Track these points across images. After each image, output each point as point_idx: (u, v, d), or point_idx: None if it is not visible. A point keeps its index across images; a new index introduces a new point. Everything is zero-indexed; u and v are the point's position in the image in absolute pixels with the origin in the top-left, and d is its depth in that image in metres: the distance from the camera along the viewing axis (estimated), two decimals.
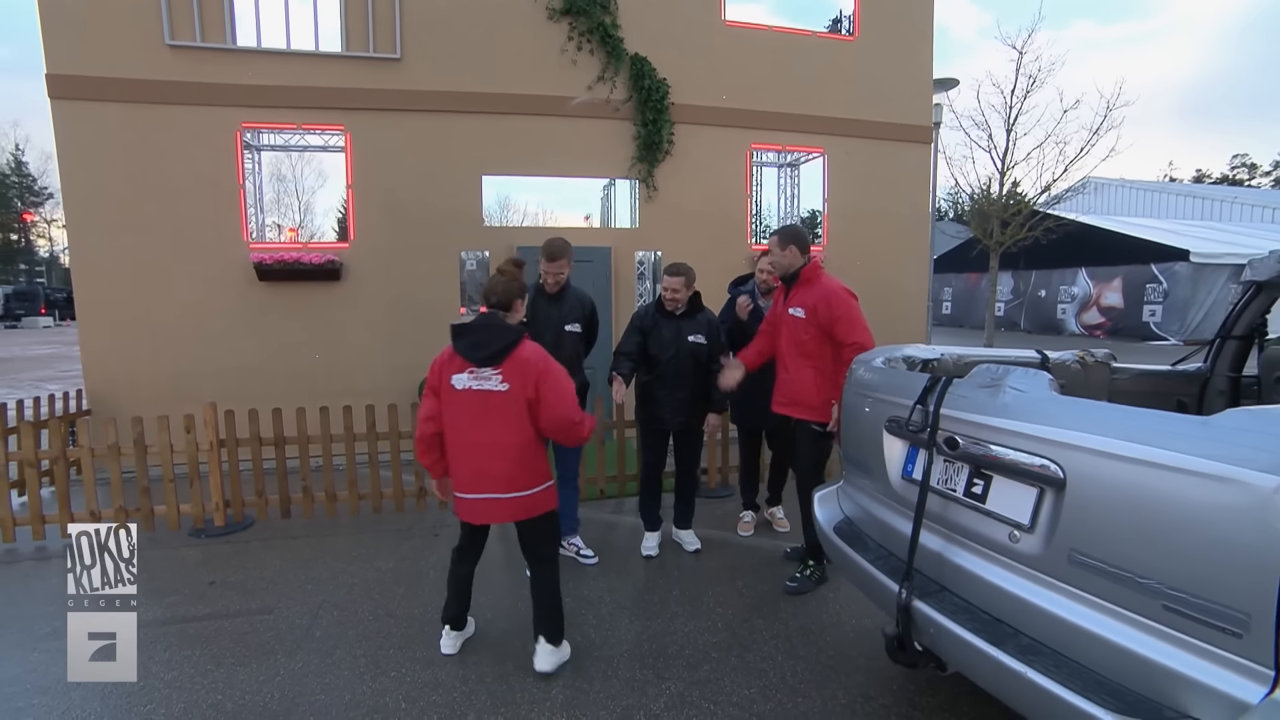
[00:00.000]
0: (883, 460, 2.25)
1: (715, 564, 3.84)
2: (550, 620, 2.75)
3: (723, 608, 3.28)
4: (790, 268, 3.35)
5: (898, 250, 7.69)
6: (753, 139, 7.18)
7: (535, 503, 2.64)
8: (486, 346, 2.55)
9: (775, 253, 3.37)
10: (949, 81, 9.43)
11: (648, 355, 3.81)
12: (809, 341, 3.28)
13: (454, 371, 2.57)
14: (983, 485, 1.83)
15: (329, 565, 3.86)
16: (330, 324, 6.18)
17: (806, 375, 3.30)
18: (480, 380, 2.54)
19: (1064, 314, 20.27)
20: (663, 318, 3.79)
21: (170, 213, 5.72)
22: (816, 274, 3.33)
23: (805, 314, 3.26)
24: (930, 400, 1.99)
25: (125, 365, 5.72)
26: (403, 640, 2.99)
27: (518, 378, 2.53)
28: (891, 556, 2.16)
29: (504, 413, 2.54)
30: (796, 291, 3.34)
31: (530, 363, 2.55)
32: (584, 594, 3.46)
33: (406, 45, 6.12)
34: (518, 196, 38.92)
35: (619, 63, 6.59)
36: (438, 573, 3.72)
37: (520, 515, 2.64)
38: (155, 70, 5.57)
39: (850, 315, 3.20)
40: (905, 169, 7.70)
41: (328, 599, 3.41)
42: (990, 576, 1.76)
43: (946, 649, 1.80)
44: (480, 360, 2.54)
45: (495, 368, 2.53)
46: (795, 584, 3.47)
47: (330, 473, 4.59)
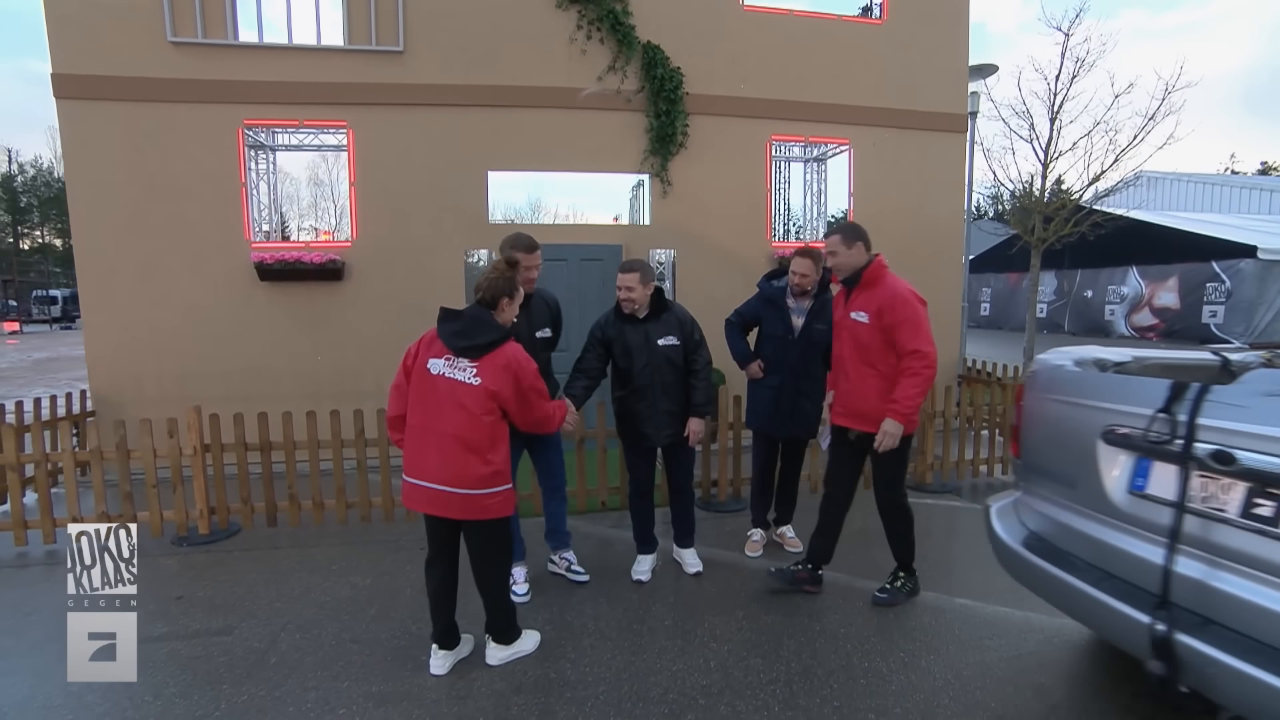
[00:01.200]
0: (1096, 472, 2.08)
1: (715, 589, 3.50)
2: (496, 620, 2.74)
3: (718, 643, 2.94)
4: (853, 267, 3.11)
5: (930, 248, 7.20)
6: (773, 130, 6.79)
7: (483, 505, 2.53)
8: (469, 337, 2.49)
9: (840, 251, 3.11)
10: (987, 68, 8.83)
11: (617, 369, 3.47)
12: (873, 348, 3.03)
13: (432, 355, 2.52)
14: (1276, 507, 1.61)
15: (305, 579, 3.65)
16: (334, 324, 6.03)
17: (870, 384, 3.06)
18: (455, 369, 2.48)
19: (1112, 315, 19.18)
20: (625, 323, 3.43)
21: (173, 212, 5.65)
22: (881, 274, 3.08)
23: (869, 318, 3.02)
24: (1177, 408, 1.80)
25: (130, 366, 5.67)
26: (361, 671, 2.74)
27: (492, 376, 2.47)
28: (1112, 579, 1.98)
29: (470, 407, 2.46)
30: (859, 294, 3.10)
31: (508, 368, 2.49)
32: (567, 620, 3.17)
33: (410, 37, 5.93)
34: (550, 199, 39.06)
35: (630, 51, 6.30)
36: (416, 591, 3.47)
37: (465, 514, 2.53)
38: (158, 68, 5.50)
39: (915, 320, 2.97)
40: (938, 160, 7.20)
41: (294, 619, 3.19)
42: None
43: (1233, 693, 1.62)
44: (459, 350, 2.49)
45: (473, 361, 2.48)
46: (886, 595, 3.23)
47: (317, 479, 4.40)
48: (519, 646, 2.81)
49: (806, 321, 3.71)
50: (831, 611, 3.20)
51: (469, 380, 2.46)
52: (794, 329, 3.71)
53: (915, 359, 2.93)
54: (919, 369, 2.93)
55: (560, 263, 6.43)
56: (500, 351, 2.50)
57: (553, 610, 3.28)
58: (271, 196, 7.42)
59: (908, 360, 2.94)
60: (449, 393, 2.47)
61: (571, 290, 6.46)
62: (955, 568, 3.72)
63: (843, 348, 3.21)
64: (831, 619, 3.13)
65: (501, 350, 2.51)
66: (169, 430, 4.14)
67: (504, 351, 2.51)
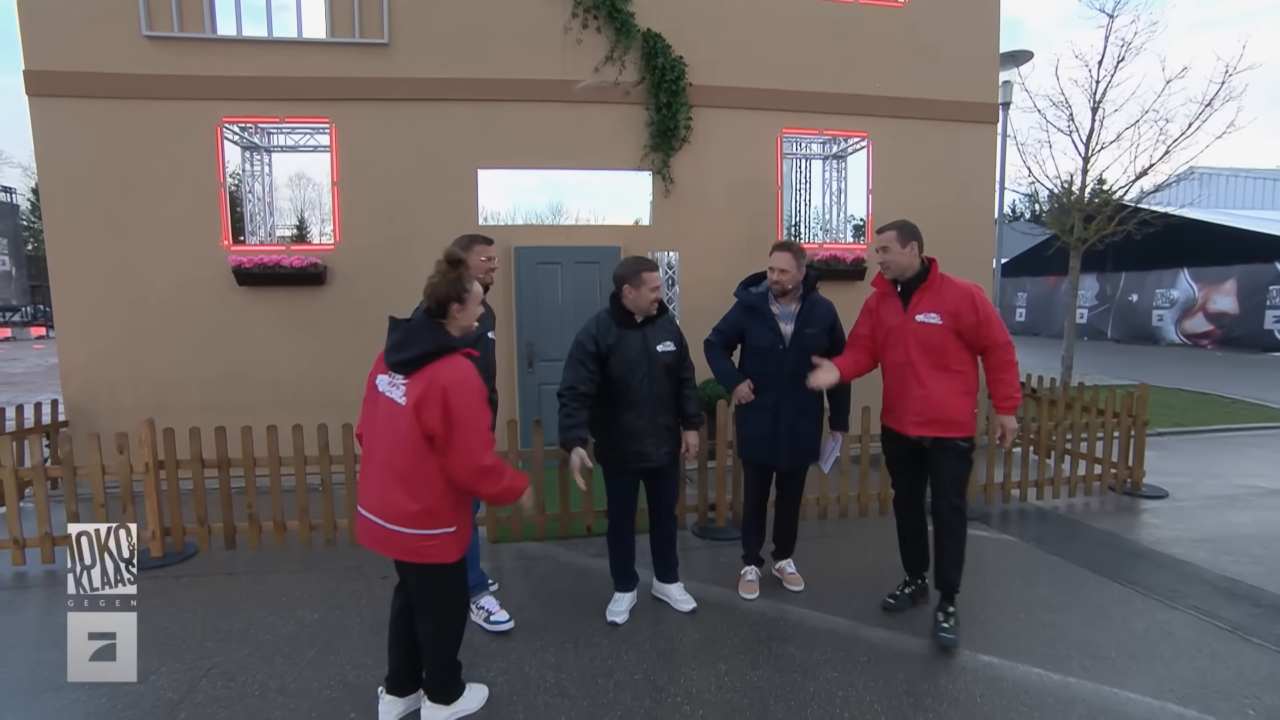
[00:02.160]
0: None
1: (700, 634, 3.05)
2: (434, 675, 2.36)
3: (693, 704, 2.50)
4: (910, 268, 2.98)
5: (957, 249, 6.59)
6: (784, 122, 6.33)
7: (411, 547, 2.16)
8: (402, 350, 2.13)
9: (894, 251, 2.96)
10: (1021, 54, 8.24)
11: (609, 381, 3.02)
12: (948, 349, 2.92)
13: (380, 371, 2.22)
14: None
15: (248, 613, 3.31)
16: (315, 331, 5.75)
17: (949, 387, 2.95)
18: (392, 387, 2.14)
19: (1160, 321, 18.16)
20: (625, 328, 3.04)
21: (150, 213, 5.43)
22: (941, 275, 2.98)
23: (943, 319, 2.90)
24: None
25: (105, 374, 5.46)
26: None
27: (416, 395, 2.06)
28: None
29: (399, 431, 2.10)
30: (923, 296, 2.96)
31: (434, 384, 2.05)
32: (524, 670, 2.77)
33: (395, 29, 5.64)
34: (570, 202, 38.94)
35: (629, 40, 5.91)
36: (365, 630, 3.13)
37: (396, 553, 2.19)
38: (133, 63, 5.30)
39: (997, 314, 2.97)
40: (966, 154, 6.65)
41: (221, 662, 2.85)
42: None
43: None
44: (394, 364, 2.14)
45: (406, 377, 2.11)
46: (952, 635, 2.91)
47: (278, 498, 4.08)
48: (460, 706, 2.42)
49: (796, 327, 3.24)
50: (828, 667, 2.74)
51: (399, 399, 2.10)
52: (784, 338, 3.22)
53: (1009, 350, 2.93)
54: (1013, 359, 2.95)
55: (554, 266, 6.07)
56: (432, 366, 2.08)
57: (510, 656, 2.88)
58: (267, 199, 7.23)
59: (1002, 353, 2.92)
60: (385, 413, 2.15)
61: (565, 295, 6.09)
62: (980, 615, 3.22)
63: (909, 353, 2.97)
64: (828, 677, 2.67)
65: (434, 365, 2.08)
66: (118, 446, 3.87)
67: (436, 367, 2.08)
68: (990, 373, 2.95)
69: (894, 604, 3.25)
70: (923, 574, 3.29)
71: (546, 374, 6.10)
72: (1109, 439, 5.14)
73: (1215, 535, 4.25)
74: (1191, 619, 3.13)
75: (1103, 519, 4.63)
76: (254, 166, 7.05)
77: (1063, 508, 4.87)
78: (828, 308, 3.34)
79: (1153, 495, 5.10)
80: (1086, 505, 4.93)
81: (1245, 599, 3.34)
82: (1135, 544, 4.14)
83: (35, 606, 3.52)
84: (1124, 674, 2.66)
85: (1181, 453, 6.70)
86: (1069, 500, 5.02)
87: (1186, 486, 5.37)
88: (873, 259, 6.50)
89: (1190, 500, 5.01)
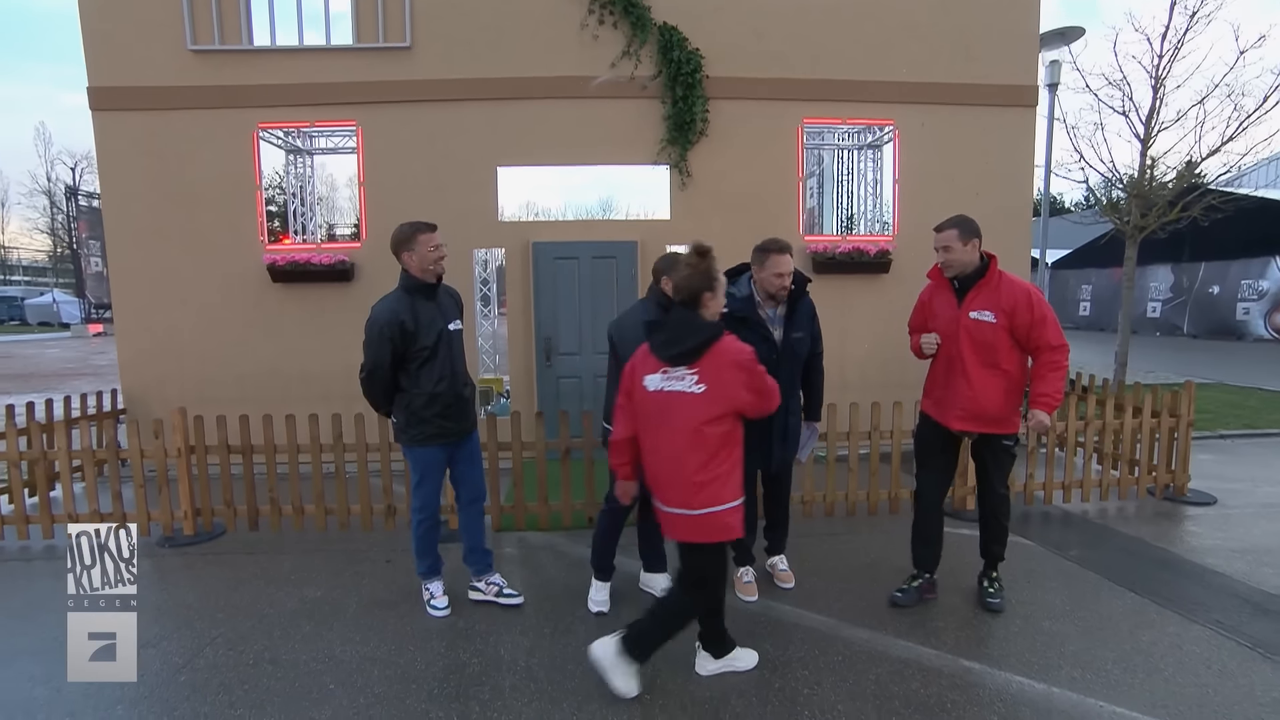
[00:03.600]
0: None
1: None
2: (708, 637, 2.61)
3: (653, 695, 2.51)
4: (970, 265, 2.99)
5: (992, 241, 6.13)
6: (804, 112, 6.19)
7: (728, 524, 2.36)
8: (679, 344, 2.33)
9: (955, 248, 2.98)
10: (1072, 31, 7.74)
11: None
12: (999, 348, 2.94)
13: (647, 371, 2.41)
14: None
15: (258, 589, 3.54)
16: (343, 326, 5.98)
17: (995, 385, 2.97)
18: (672, 381, 2.33)
19: (1246, 315, 16.75)
20: None
21: (194, 217, 5.82)
22: (999, 272, 2.99)
23: (997, 317, 2.92)
24: None
25: (155, 367, 5.90)
26: (262, 697, 2.53)
27: (715, 377, 2.28)
28: None
29: (693, 416, 2.30)
30: (979, 293, 2.98)
31: (733, 363, 2.29)
32: (499, 652, 2.87)
33: (417, 32, 5.83)
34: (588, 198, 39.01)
35: (644, 35, 5.91)
36: (359, 609, 3.30)
37: (709, 536, 2.38)
38: (179, 76, 5.68)
39: (1053, 316, 2.97)
40: (1002, 140, 6.32)
41: (226, 633, 3.06)
42: None
43: None
44: (672, 358, 2.33)
45: (690, 367, 2.31)
46: (998, 599, 3.15)
47: (296, 483, 4.32)
48: (732, 662, 2.65)
49: (785, 332, 3.18)
50: (800, 665, 2.70)
51: (690, 389, 2.29)
52: (776, 345, 3.15)
53: (1060, 353, 2.93)
54: (1063, 362, 2.96)
55: (571, 261, 6.15)
56: (714, 350, 2.30)
57: (489, 639, 2.97)
58: (311, 199, 7.62)
59: (1054, 354, 2.92)
60: (670, 407, 2.33)
61: (583, 290, 6.16)
62: (973, 619, 3.09)
63: (960, 348, 3.00)
64: (797, 675, 2.63)
65: (718, 348, 2.30)
66: (154, 432, 4.18)
67: (718, 349, 2.30)
68: (1036, 369, 2.96)
69: (901, 598, 3.20)
70: (932, 568, 3.25)
71: (564, 367, 6.20)
72: (1148, 440, 4.81)
73: (1259, 546, 3.92)
74: (1209, 633, 2.92)
75: (1134, 525, 4.35)
76: (296, 168, 7.44)
77: (1093, 512, 4.60)
78: (810, 307, 3.27)
79: (1198, 502, 4.75)
80: (1120, 510, 4.64)
81: (1277, 615, 3.08)
82: (1164, 552, 3.88)
83: None
84: (1115, 687, 2.51)
85: (1245, 457, 6.20)
86: (1101, 505, 4.74)
87: (1240, 493, 4.97)
88: (898, 252, 6.31)
89: (1240, 508, 4.64)
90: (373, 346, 2.98)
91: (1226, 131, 7.75)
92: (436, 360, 3.00)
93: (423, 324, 2.97)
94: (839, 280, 6.17)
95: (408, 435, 3.07)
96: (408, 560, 3.81)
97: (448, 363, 3.04)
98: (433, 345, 2.98)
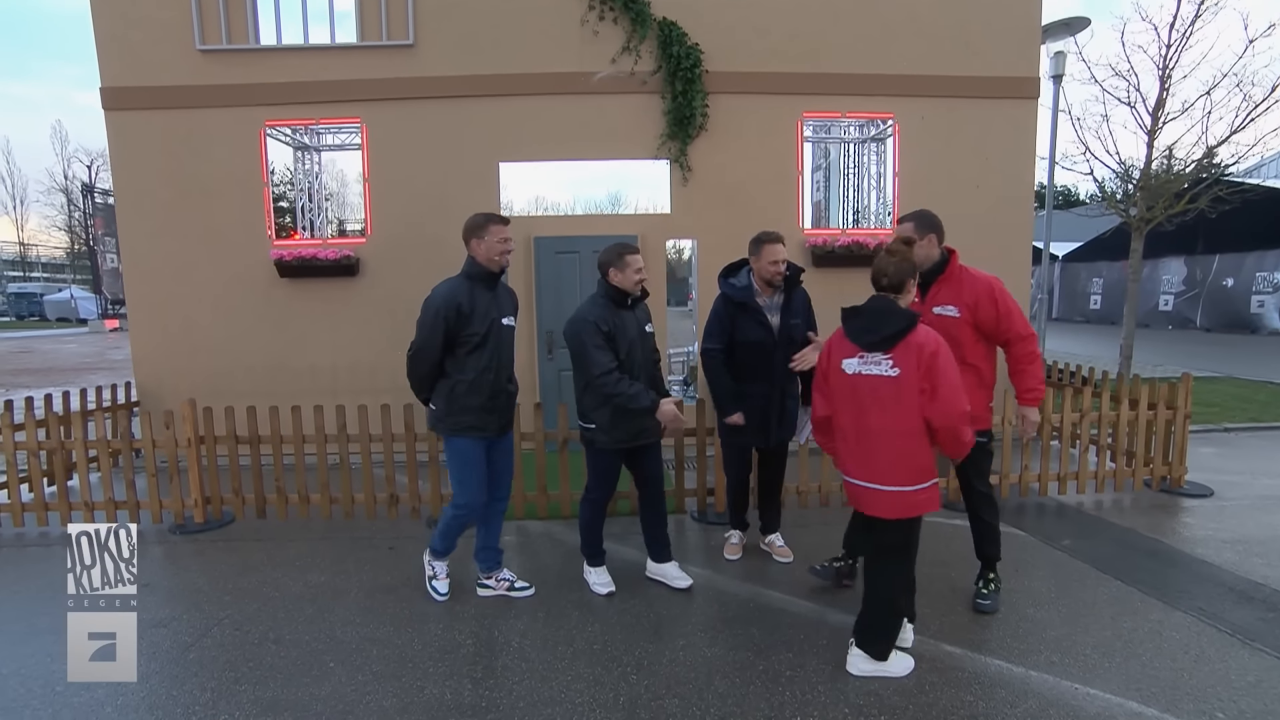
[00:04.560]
0: None
1: (667, 612, 3.15)
2: (867, 625, 2.58)
3: (639, 674, 2.60)
4: (928, 259, 2.96)
5: (993, 234, 6.33)
6: (804, 106, 6.21)
7: (921, 501, 2.46)
8: (876, 330, 2.44)
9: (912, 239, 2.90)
10: (1077, 22, 7.67)
11: None
12: (966, 342, 2.93)
13: (844, 355, 2.52)
14: None
15: (265, 573, 3.66)
16: (349, 321, 6.15)
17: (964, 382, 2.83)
18: (869, 365, 2.44)
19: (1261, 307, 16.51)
20: (617, 309, 3.17)
21: (204, 213, 5.96)
22: (961, 266, 3.00)
23: (961, 311, 2.93)
24: None
25: (168, 361, 6.05)
26: (265, 674, 2.65)
27: (909, 363, 2.37)
28: None
29: (890, 399, 2.40)
30: (941, 288, 2.99)
31: (926, 349, 2.36)
32: (493, 635, 2.98)
33: (420, 30, 5.91)
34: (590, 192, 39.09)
35: (644, 30, 5.95)
36: (360, 593, 3.41)
37: (901, 512, 2.47)
38: (188, 75, 5.81)
39: (1017, 306, 2.98)
40: (1002, 133, 6.31)
41: (233, 614, 3.19)
42: None
43: None
44: (869, 344, 2.44)
45: (885, 353, 2.41)
46: (989, 602, 3.09)
47: (302, 474, 4.45)
48: (889, 667, 2.55)
49: (782, 319, 3.37)
50: (784, 648, 2.78)
51: (886, 373, 2.40)
52: (774, 330, 3.33)
53: (1031, 342, 2.96)
54: (1036, 351, 2.98)
55: (573, 255, 6.23)
56: (913, 336, 2.39)
57: (483, 621, 3.08)
58: (320, 195, 7.74)
59: (1025, 345, 2.95)
60: (868, 390, 2.44)
61: (584, 284, 6.23)
62: (957, 606, 3.15)
63: None
64: (781, 657, 2.70)
65: (914, 334, 2.39)
66: (165, 423, 4.32)
67: (916, 335, 2.39)
68: (1013, 364, 2.99)
69: (819, 572, 3.28)
70: (857, 556, 3.28)
71: (566, 360, 6.25)
72: (1143, 432, 4.82)
73: (1250, 537, 3.94)
74: (1190, 620, 2.96)
75: (1128, 516, 4.37)
76: (305, 165, 7.56)
77: (1088, 504, 4.62)
78: (805, 296, 3.45)
79: (1195, 494, 4.76)
80: (1116, 502, 4.66)
81: (1260, 603, 3.11)
82: (1155, 542, 3.90)
83: None
84: (1092, 671, 2.56)
85: (1248, 450, 6.17)
86: (1097, 497, 4.76)
87: (1238, 485, 4.97)
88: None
89: (1237, 500, 4.64)
90: (426, 327, 2.96)
91: (1235, 122, 7.70)
92: (485, 349, 3.01)
93: (479, 311, 2.98)
94: (839, 274, 6.19)
95: (446, 424, 3.05)
96: (409, 547, 3.96)
97: (495, 354, 3.04)
98: (484, 333, 2.98)
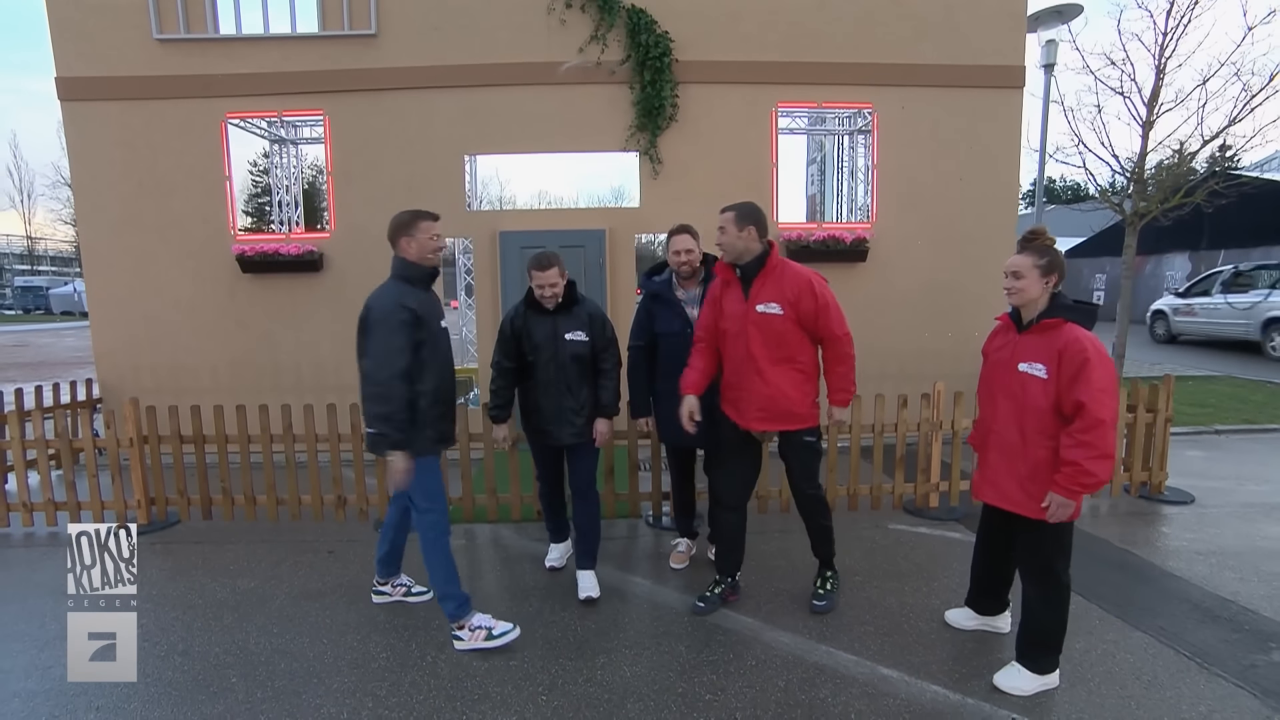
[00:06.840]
0: None
1: (597, 625, 3.00)
2: (1027, 640, 2.46)
3: (549, 695, 2.46)
4: (746, 253, 2.84)
5: (976, 228, 6.14)
6: (778, 96, 6.02)
7: None
8: None
9: (730, 234, 2.83)
10: (1070, 9, 7.41)
11: (523, 362, 3.23)
12: (790, 340, 2.84)
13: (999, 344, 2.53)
14: None
15: (194, 578, 3.56)
16: (312, 317, 6.03)
17: (791, 380, 2.88)
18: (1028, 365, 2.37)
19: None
20: (535, 315, 3.19)
21: (164, 206, 5.84)
22: (782, 261, 2.88)
23: (783, 307, 2.80)
24: None
25: (130, 357, 5.95)
26: (163, 692, 2.53)
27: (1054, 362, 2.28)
28: None
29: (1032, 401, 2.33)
30: (762, 284, 2.84)
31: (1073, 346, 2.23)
32: (429, 634, 2.87)
33: (383, 19, 5.75)
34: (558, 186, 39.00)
35: (612, 18, 5.77)
36: (286, 600, 3.29)
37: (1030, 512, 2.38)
38: (145, 66, 5.68)
39: (836, 304, 2.88)
40: (986, 124, 6.10)
41: (148, 623, 3.05)
42: None
43: None
44: None
45: None
46: (825, 603, 3.06)
47: (248, 474, 4.33)
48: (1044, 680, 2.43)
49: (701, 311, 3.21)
50: (710, 669, 2.62)
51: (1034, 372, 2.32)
52: (690, 322, 3.25)
53: (845, 343, 2.88)
54: (849, 351, 2.90)
55: (539, 250, 6.05)
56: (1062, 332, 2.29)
57: (401, 633, 2.95)
58: (293, 189, 7.62)
59: (839, 345, 2.87)
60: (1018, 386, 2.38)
61: None
62: (913, 631, 2.99)
63: (749, 345, 2.87)
64: (704, 679, 2.55)
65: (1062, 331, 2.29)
66: (106, 422, 4.21)
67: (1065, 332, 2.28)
68: (827, 364, 2.94)
69: (704, 607, 3.06)
70: (734, 573, 3.16)
71: None
72: (1122, 436, 4.62)
73: (1226, 549, 3.75)
74: (1148, 641, 2.79)
75: (1102, 525, 4.18)
76: (280, 159, 7.44)
77: None
78: None
79: (1175, 500, 4.56)
80: (1092, 509, 4.46)
81: (1226, 622, 2.93)
82: (1126, 554, 3.72)
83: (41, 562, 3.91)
84: (1032, 699, 2.39)
85: (1237, 454, 5.96)
86: None
87: (1222, 492, 4.77)
88: (875, 240, 6.13)
89: (1218, 508, 4.44)
90: (389, 341, 2.56)
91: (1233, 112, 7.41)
92: (439, 355, 2.79)
93: (426, 314, 2.70)
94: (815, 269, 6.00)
95: (415, 446, 2.66)
96: (350, 551, 3.85)
97: (448, 359, 2.87)
98: (434, 338, 2.76)
